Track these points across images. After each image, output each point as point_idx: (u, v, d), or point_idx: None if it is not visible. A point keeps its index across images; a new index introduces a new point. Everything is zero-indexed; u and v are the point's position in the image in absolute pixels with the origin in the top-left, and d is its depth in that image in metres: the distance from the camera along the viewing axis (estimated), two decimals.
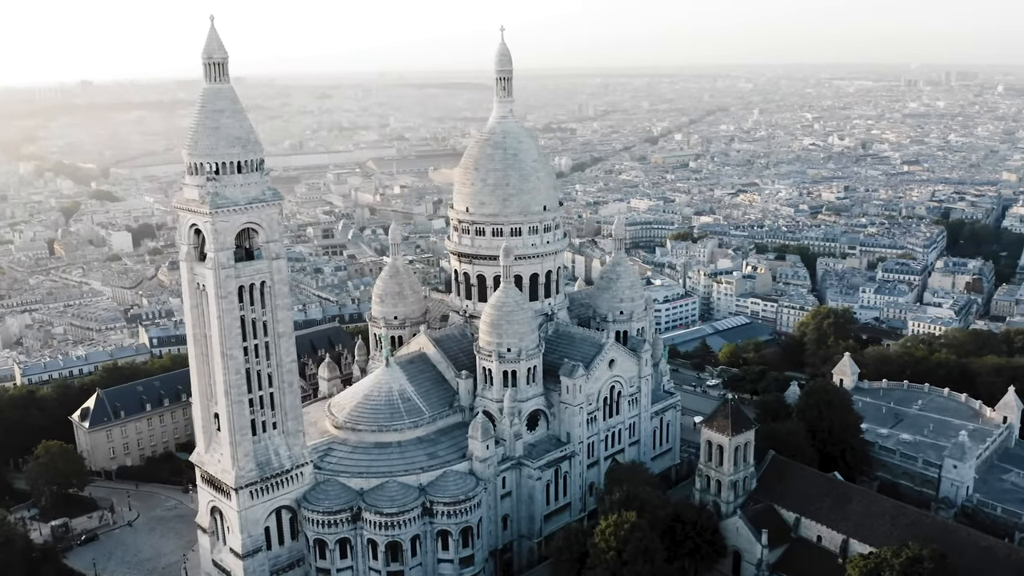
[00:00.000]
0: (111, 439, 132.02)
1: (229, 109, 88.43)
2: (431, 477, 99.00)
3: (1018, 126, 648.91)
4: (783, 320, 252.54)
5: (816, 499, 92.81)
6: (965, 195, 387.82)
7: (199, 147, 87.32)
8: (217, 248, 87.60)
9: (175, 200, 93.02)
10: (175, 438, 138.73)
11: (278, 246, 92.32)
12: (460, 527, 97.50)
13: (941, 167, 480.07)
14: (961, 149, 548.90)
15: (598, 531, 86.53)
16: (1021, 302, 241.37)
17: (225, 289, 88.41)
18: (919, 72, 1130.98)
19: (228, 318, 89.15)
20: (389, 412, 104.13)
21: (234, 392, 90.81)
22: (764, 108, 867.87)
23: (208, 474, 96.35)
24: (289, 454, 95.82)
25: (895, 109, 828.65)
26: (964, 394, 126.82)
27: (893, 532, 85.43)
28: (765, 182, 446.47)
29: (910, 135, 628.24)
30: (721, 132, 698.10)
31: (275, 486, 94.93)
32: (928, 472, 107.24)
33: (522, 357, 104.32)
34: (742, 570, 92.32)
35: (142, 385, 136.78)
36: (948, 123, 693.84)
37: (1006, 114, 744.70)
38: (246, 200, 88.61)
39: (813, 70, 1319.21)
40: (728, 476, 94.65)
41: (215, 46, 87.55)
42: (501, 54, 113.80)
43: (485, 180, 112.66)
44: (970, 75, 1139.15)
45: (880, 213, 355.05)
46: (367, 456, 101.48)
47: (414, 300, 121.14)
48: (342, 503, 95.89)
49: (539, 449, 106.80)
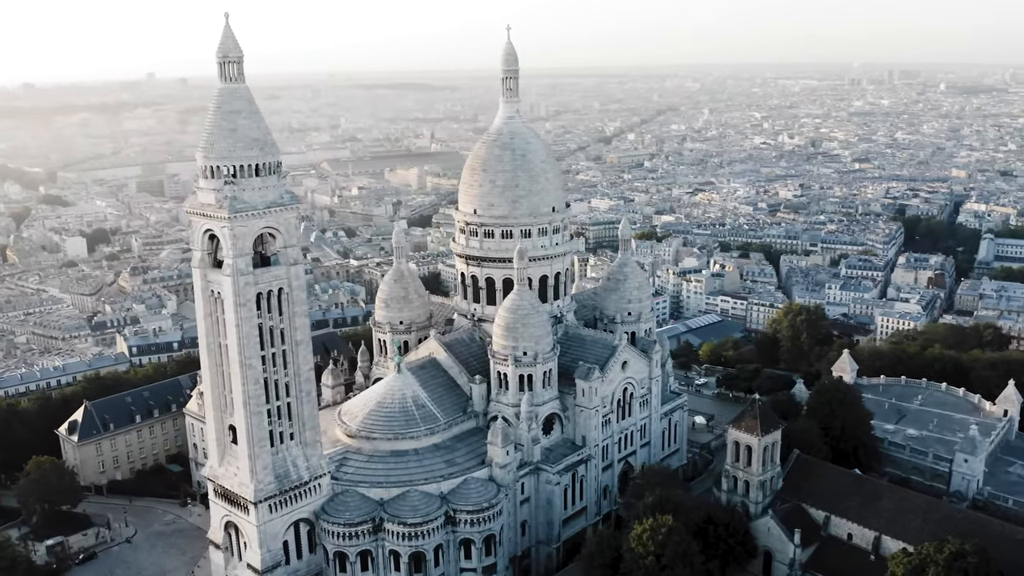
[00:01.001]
0: (100, 453, 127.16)
1: (246, 110, 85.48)
2: (452, 485, 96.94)
3: (962, 124, 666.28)
4: (753, 317, 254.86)
5: (845, 497, 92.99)
6: (919, 192, 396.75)
7: (216, 149, 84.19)
8: (236, 254, 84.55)
9: (188, 204, 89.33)
10: (165, 450, 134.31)
11: (296, 251, 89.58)
12: (483, 535, 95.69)
13: (891, 164, 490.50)
14: (909, 147, 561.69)
15: (634, 536, 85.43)
16: (984, 296, 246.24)
17: (244, 297, 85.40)
18: (862, 71, 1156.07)
19: (247, 326, 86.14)
20: (404, 419, 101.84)
21: (253, 403, 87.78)
22: (713, 108, 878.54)
23: (223, 488, 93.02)
24: (307, 465, 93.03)
25: (841, 108, 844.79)
26: (962, 388, 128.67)
27: (925, 527, 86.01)
28: (721, 181, 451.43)
29: (858, 133, 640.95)
30: (673, 132, 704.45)
31: (293, 499, 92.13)
32: (939, 467, 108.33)
33: (538, 361, 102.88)
34: (773, 570, 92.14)
35: (130, 396, 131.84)
36: (894, 121, 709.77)
37: (950, 112, 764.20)
38: (264, 204, 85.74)
39: (758, 69, 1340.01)
40: (757, 476, 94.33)
41: (230, 44, 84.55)
42: (507, 53, 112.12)
43: (494, 182, 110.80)
44: (912, 74, 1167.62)
45: (837, 210, 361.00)
46: (384, 465, 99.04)
47: (420, 304, 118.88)
48: (363, 514, 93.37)
49: (556, 454, 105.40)
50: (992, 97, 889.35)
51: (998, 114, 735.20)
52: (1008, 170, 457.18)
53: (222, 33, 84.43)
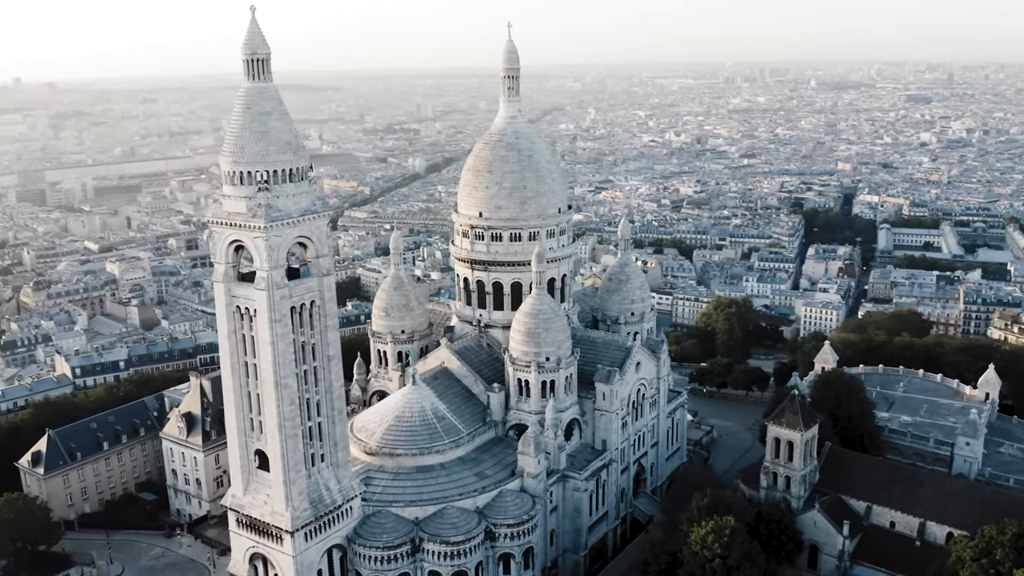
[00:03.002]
0: (68, 485, 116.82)
1: (276, 111, 79.66)
2: (487, 499, 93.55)
3: (837, 118, 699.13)
4: (679, 312, 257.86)
5: (886, 486, 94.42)
6: (812, 185, 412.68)
7: (247, 154, 77.95)
8: (271, 266, 78.61)
9: (210, 214, 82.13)
10: (135, 478, 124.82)
11: (328, 261, 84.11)
12: (523, 548, 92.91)
13: (776, 159, 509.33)
14: (791, 142, 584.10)
15: (696, 539, 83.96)
16: (898, 284, 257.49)
17: (279, 312, 79.60)
18: (735, 69, 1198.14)
19: (282, 343, 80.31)
20: (427, 433, 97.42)
21: (288, 425, 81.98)
22: (598, 107, 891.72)
23: (249, 518, 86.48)
24: (339, 488, 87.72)
25: (720, 105, 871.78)
26: (939, 374, 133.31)
27: (970, 511, 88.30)
28: (619, 179, 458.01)
29: (740, 130, 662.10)
30: (562, 131, 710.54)
31: (328, 524, 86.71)
32: (940, 451, 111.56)
33: (561, 366, 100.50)
34: (820, 563, 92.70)
35: (95, 422, 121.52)
36: (772, 117, 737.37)
37: (823, 107, 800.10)
38: (299, 212, 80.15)
39: (634, 69, 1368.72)
40: (799, 472, 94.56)
41: (258, 41, 78.54)
42: (509, 51, 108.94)
43: (501, 183, 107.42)
44: (782, 71, 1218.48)
45: (739, 205, 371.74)
46: (413, 482, 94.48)
47: (420, 312, 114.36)
48: (400, 535, 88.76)
49: (579, 460, 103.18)
50: (861, 92, 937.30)
51: (869, 109, 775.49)
52: (888, 162, 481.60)
53: (248, 29, 78.32)
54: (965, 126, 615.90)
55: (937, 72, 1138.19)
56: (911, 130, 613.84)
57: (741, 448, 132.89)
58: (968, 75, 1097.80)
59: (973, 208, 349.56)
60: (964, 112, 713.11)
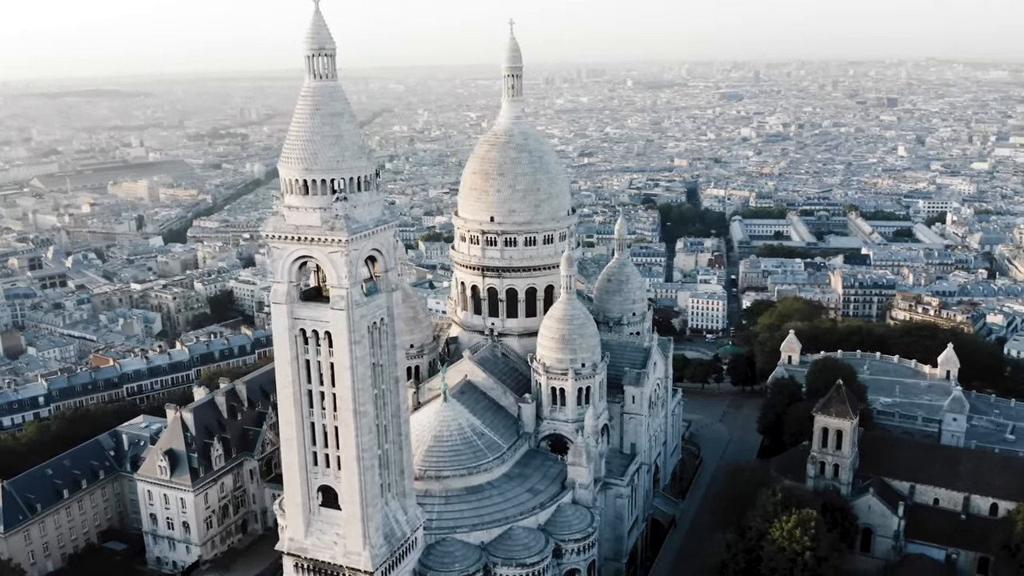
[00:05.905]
0: (30, 541, 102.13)
1: (346, 112, 72.45)
2: (547, 515, 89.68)
3: (660, 116, 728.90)
4: None
5: (926, 465, 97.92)
6: (658, 181, 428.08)
7: (320, 160, 70.22)
8: (351, 283, 71.49)
9: (272, 228, 72.96)
10: (96, 526, 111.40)
11: (395, 275, 77.52)
12: (588, 562, 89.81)
13: (613, 157, 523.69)
14: (622, 140, 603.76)
15: (781, 534, 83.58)
16: (770, 273, 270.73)
17: (359, 332, 72.51)
18: (554, 70, 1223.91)
19: (361, 367, 73.18)
20: (471, 452, 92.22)
21: (367, 456, 74.91)
22: (427, 108, 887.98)
23: (315, 562, 78.29)
24: (407, 518, 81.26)
25: (546, 106, 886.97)
26: (896, 356, 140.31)
27: (1011, 481, 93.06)
28: None
29: (571, 129, 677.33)
30: (397, 133, 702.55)
31: (399, 559, 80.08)
32: (928, 428, 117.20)
33: (597, 371, 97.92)
34: (874, 544, 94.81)
35: (51, 468, 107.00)
36: (599, 117, 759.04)
37: (644, 107, 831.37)
38: (374, 222, 73.29)
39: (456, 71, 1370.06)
40: (848, 459, 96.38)
41: (325, 35, 70.97)
42: (512, 50, 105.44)
43: (513, 186, 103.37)
44: (599, 72, 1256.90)
45: (595, 203, 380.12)
46: (467, 504, 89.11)
47: (427, 324, 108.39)
48: (472, 562, 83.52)
49: (614, 465, 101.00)
50: (676, 91, 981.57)
51: (688, 107, 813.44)
52: (717, 157, 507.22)
53: (312, 23, 70.73)
54: (780, 121, 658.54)
55: (743, 70, 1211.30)
56: (731, 126, 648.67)
57: (721, 440, 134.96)
58: (772, 72, 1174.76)
59: (814, 198, 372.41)
60: (776, 108, 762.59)
